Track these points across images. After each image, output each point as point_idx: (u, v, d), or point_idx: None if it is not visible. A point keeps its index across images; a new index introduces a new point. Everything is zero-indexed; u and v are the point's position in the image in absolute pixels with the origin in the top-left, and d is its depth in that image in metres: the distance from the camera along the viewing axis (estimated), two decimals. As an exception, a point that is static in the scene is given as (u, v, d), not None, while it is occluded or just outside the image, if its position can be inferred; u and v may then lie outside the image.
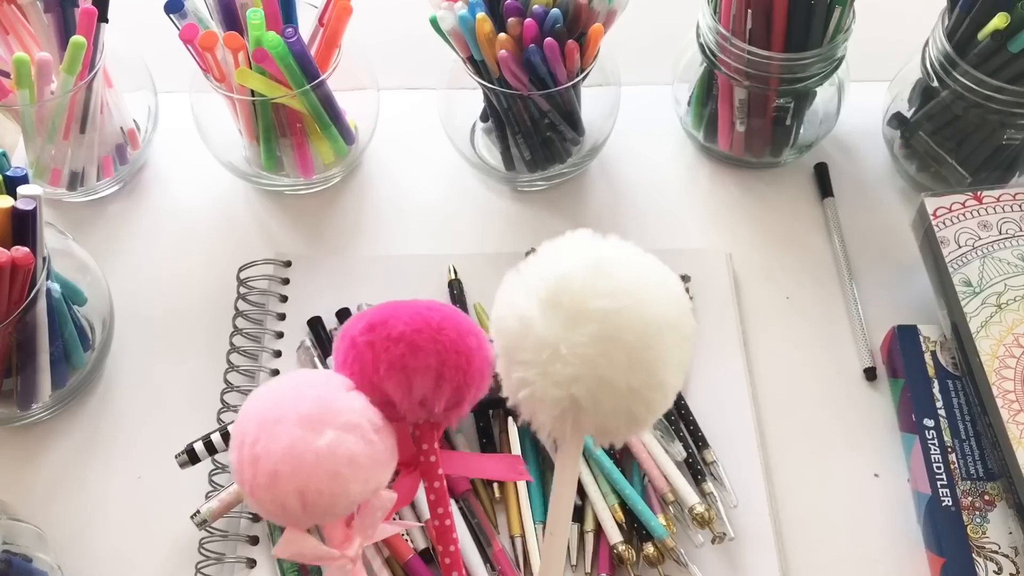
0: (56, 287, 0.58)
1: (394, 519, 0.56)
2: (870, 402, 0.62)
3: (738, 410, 0.61)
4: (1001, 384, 0.56)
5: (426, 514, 0.56)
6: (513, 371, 0.42)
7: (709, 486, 0.57)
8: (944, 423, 0.58)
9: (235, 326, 0.64)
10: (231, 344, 0.63)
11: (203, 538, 0.56)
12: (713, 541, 0.55)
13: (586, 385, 0.40)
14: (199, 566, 0.55)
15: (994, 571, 0.53)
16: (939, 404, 0.59)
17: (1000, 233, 0.61)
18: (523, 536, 0.56)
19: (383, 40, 0.76)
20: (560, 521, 0.45)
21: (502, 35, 0.60)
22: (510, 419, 0.59)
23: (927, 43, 0.65)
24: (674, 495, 0.56)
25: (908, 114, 0.69)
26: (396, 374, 0.44)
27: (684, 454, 0.58)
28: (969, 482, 0.56)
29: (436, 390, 0.44)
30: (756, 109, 0.68)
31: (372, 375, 0.44)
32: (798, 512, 0.58)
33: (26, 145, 0.67)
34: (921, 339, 0.61)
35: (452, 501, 0.57)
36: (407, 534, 0.56)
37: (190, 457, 0.57)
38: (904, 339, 0.61)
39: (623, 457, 0.58)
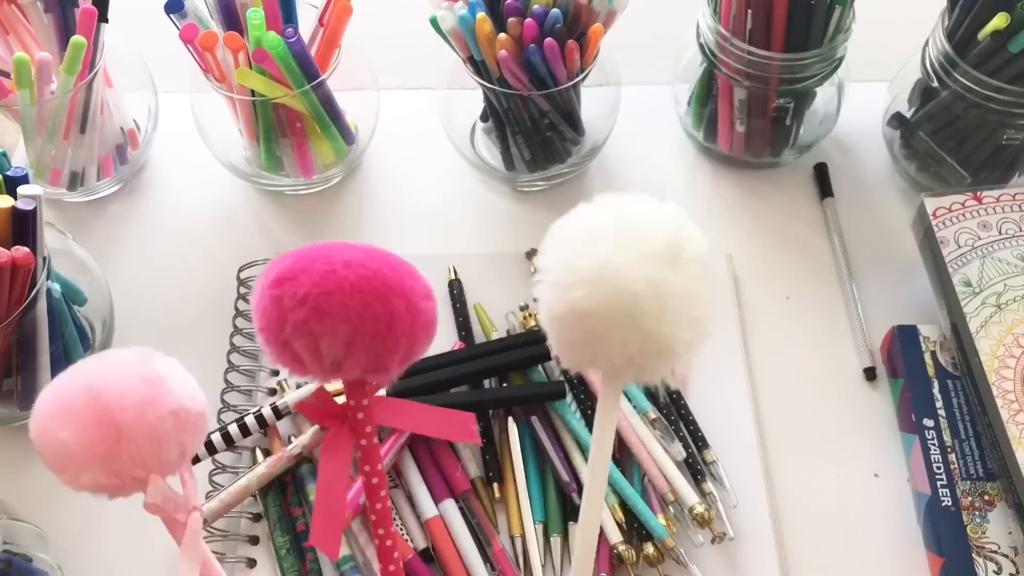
0: (56, 287, 0.58)
1: (395, 518, 0.56)
2: (870, 402, 0.62)
3: (738, 410, 0.61)
4: (1001, 384, 0.56)
5: (426, 513, 0.56)
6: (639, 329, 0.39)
7: (709, 486, 0.57)
8: (944, 423, 0.58)
9: (235, 326, 0.64)
10: (231, 344, 0.63)
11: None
12: (713, 541, 0.55)
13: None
14: (199, 566, 0.55)
15: (994, 571, 0.53)
16: (939, 404, 0.59)
17: (1000, 233, 0.61)
18: (523, 536, 0.56)
19: (383, 40, 0.76)
20: (600, 466, 0.43)
21: (502, 35, 0.60)
22: (510, 419, 0.59)
23: (927, 43, 0.65)
24: (674, 495, 0.56)
25: (908, 114, 0.69)
26: (302, 336, 0.40)
27: (684, 454, 0.58)
28: (969, 482, 0.56)
29: (348, 355, 0.41)
30: (756, 109, 0.68)
31: (279, 333, 0.41)
32: (798, 512, 0.58)
33: (26, 145, 0.67)
34: (921, 339, 0.61)
35: (452, 501, 0.57)
36: (407, 534, 0.56)
37: (190, 457, 0.57)
38: (904, 339, 0.61)
39: (623, 457, 0.58)
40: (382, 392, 0.50)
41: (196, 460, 0.57)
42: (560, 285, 0.39)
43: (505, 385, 0.61)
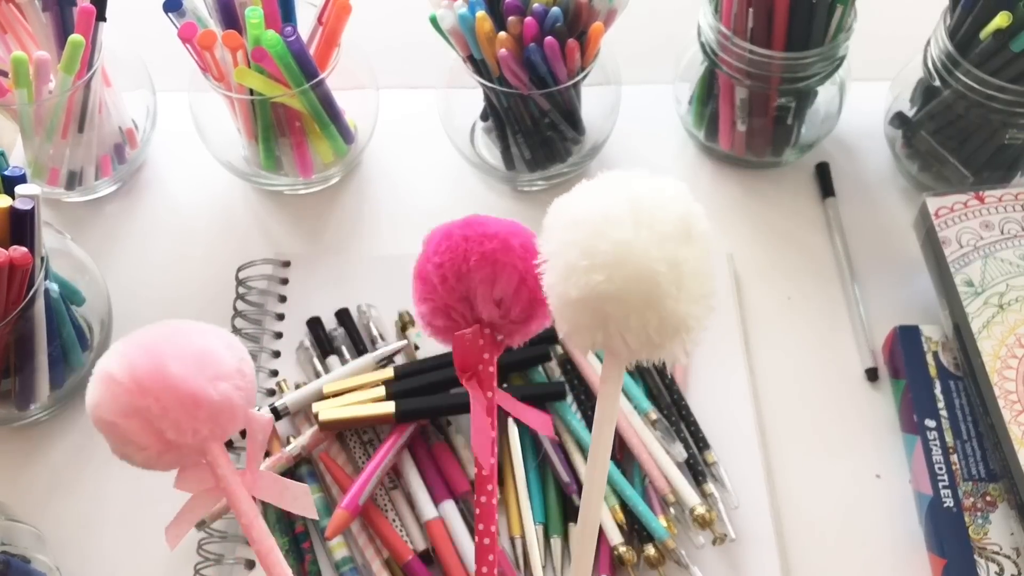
0: (54, 287, 0.58)
1: (394, 520, 0.55)
2: (871, 403, 0.62)
3: (739, 411, 0.61)
4: (1003, 384, 0.56)
5: (426, 515, 0.56)
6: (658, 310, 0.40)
7: (710, 487, 0.57)
8: (946, 424, 0.58)
9: (234, 326, 0.64)
10: (230, 344, 0.63)
11: (202, 539, 0.56)
12: (714, 542, 0.55)
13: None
14: (198, 567, 0.55)
15: (996, 572, 0.53)
16: (941, 405, 0.59)
17: (1002, 233, 0.61)
18: (523, 537, 0.55)
19: (383, 39, 0.75)
20: (602, 447, 0.44)
21: (502, 34, 0.60)
22: (510, 419, 0.59)
23: (929, 42, 0.65)
24: (675, 496, 0.56)
25: (910, 114, 0.69)
26: (486, 266, 0.46)
27: (685, 455, 0.57)
28: (971, 483, 0.56)
29: (516, 293, 0.46)
30: (757, 108, 0.68)
31: (462, 264, 0.46)
32: (799, 513, 0.58)
33: (24, 144, 0.67)
34: (923, 339, 0.61)
35: (452, 502, 0.57)
36: (407, 536, 0.56)
37: (189, 458, 0.57)
38: (906, 339, 0.61)
39: (624, 458, 0.58)
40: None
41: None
42: (576, 269, 0.39)
43: (505, 385, 0.61)
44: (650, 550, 0.54)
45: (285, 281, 0.67)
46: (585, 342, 0.41)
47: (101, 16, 0.63)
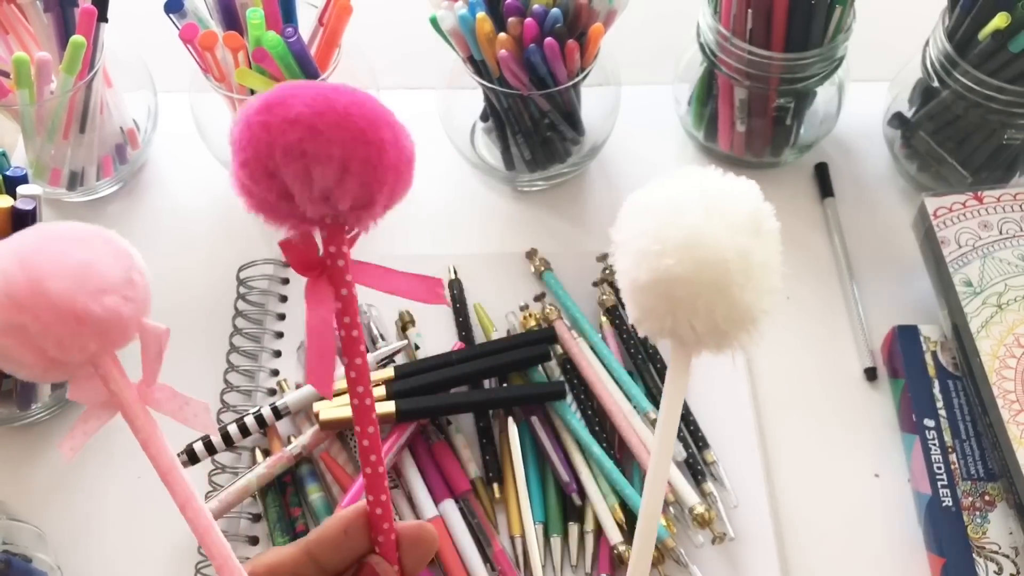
0: (55, 287, 0.58)
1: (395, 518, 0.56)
2: (870, 402, 0.62)
3: (738, 410, 0.61)
4: (1002, 384, 0.56)
5: (426, 514, 0.56)
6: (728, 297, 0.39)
7: (709, 486, 0.57)
8: (944, 423, 0.58)
9: (235, 326, 0.64)
10: (231, 344, 0.63)
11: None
12: (713, 541, 0.55)
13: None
14: (199, 566, 0.55)
15: (994, 571, 0.53)
16: (939, 404, 0.59)
17: (1001, 233, 0.61)
18: (523, 536, 0.56)
19: (383, 40, 0.75)
20: (668, 433, 0.43)
21: (502, 35, 0.60)
22: (510, 419, 0.59)
23: (927, 43, 0.65)
24: (674, 495, 0.56)
25: (909, 114, 0.69)
26: (294, 161, 0.38)
27: (684, 454, 0.58)
28: (969, 482, 0.56)
29: (340, 184, 0.39)
30: (756, 109, 0.68)
31: (267, 160, 0.38)
32: (798, 512, 0.58)
33: (25, 145, 0.67)
34: (921, 339, 0.61)
35: (452, 501, 0.57)
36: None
37: (190, 457, 0.57)
38: (904, 339, 0.61)
39: (623, 457, 0.58)
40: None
41: (196, 460, 0.57)
42: (648, 254, 0.40)
43: (505, 385, 0.61)
44: (649, 549, 0.54)
45: (286, 281, 0.67)
46: (655, 328, 0.41)
47: (103, 17, 0.63)
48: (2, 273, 0.38)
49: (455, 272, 0.66)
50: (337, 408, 0.57)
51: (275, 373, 0.63)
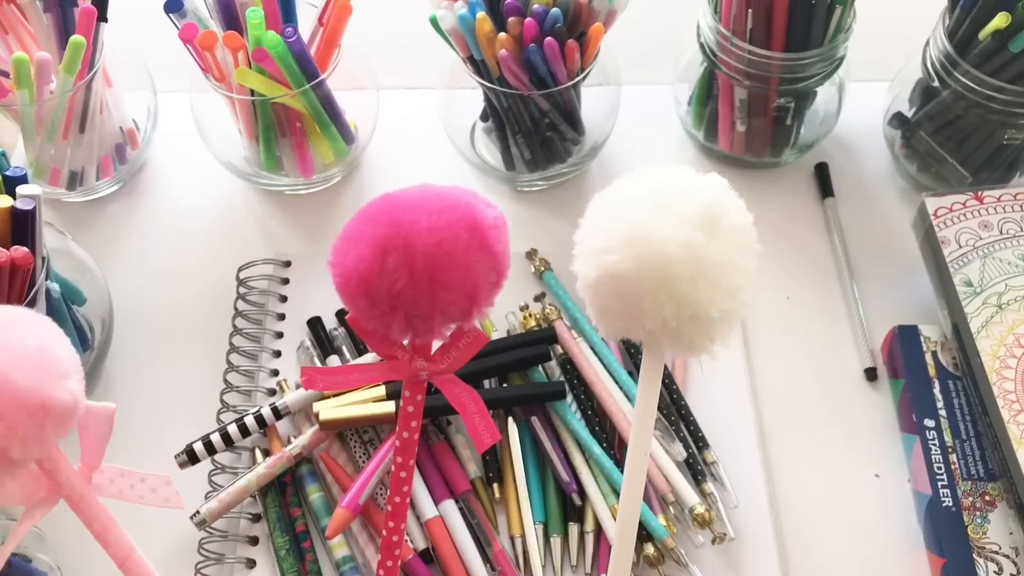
0: (55, 287, 0.58)
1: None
2: (870, 402, 0.62)
3: (738, 410, 0.61)
4: (1002, 384, 0.56)
5: (426, 514, 0.56)
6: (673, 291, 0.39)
7: (709, 486, 0.57)
8: (945, 423, 0.58)
9: (235, 326, 0.64)
10: (231, 344, 0.63)
11: (203, 538, 0.56)
12: (713, 541, 0.55)
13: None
14: (199, 566, 0.55)
15: (994, 571, 0.53)
16: (940, 404, 0.59)
17: (1001, 233, 0.61)
18: (523, 536, 0.56)
19: (383, 40, 0.75)
20: (640, 450, 0.42)
21: (502, 35, 0.60)
22: (510, 419, 0.59)
23: (928, 43, 0.65)
24: (674, 495, 0.56)
25: (909, 114, 0.69)
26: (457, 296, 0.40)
27: (684, 454, 0.58)
28: (970, 482, 0.56)
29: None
30: (756, 109, 0.68)
31: (425, 298, 0.39)
32: (798, 512, 0.58)
33: (25, 145, 0.67)
34: (922, 339, 0.61)
35: (452, 501, 0.57)
36: (407, 535, 0.56)
37: (189, 457, 0.57)
38: (905, 339, 0.61)
39: (623, 457, 0.58)
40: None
41: (196, 460, 0.57)
42: (595, 251, 0.39)
43: (505, 385, 0.61)
44: (649, 549, 0.54)
45: (286, 281, 0.67)
46: (609, 328, 0.40)
47: (102, 17, 0.63)
48: None
49: (455, 272, 0.66)
50: (337, 408, 0.57)
51: (275, 373, 0.62)
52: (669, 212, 0.38)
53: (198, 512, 0.55)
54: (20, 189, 0.52)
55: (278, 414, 0.59)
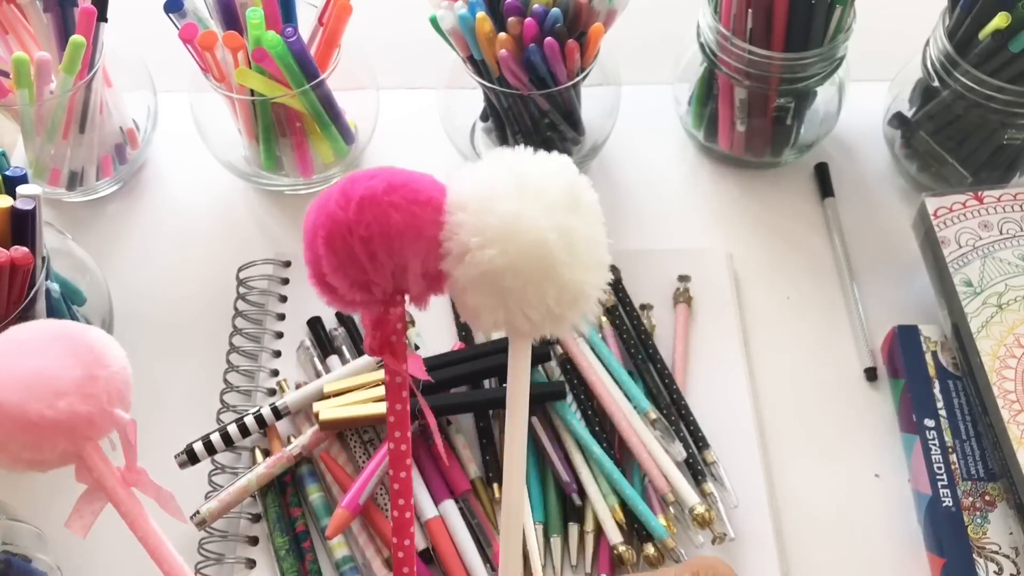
0: (55, 287, 0.58)
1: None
2: (870, 402, 0.62)
3: (738, 410, 0.61)
4: (1002, 384, 0.56)
5: (426, 514, 0.56)
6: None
7: (709, 486, 0.57)
8: (945, 423, 0.58)
9: (235, 326, 0.64)
10: (231, 344, 0.63)
11: (202, 538, 0.56)
12: (713, 541, 0.55)
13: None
14: (198, 566, 0.55)
15: (995, 572, 0.53)
16: (940, 404, 0.59)
17: (1001, 233, 0.61)
18: (523, 536, 0.56)
19: (383, 40, 0.75)
20: (517, 439, 0.42)
21: (502, 34, 0.60)
22: (510, 419, 0.59)
23: (928, 43, 0.65)
24: (674, 495, 0.56)
25: (909, 114, 0.69)
26: (420, 241, 0.41)
27: (684, 454, 0.58)
28: (970, 482, 0.56)
29: (436, 261, 0.41)
30: (756, 109, 0.68)
31: (394, 240, 0.41)
32: (799, 512, 0.58)
33: (25, 145, 0.67)
34: (922, 339, 0.61)
35: (452, 501, 0.57)
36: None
37: (189, 457, 0.57)
38: (905, 339, 0.61)
39: (623, 457, 0.58)
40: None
41: (196, 460, 0.57)
42: (469, 248, 0.39)
43: (505, 385, 0.61)
44: (649, 549, 0.54)
45: (286, 281, 0.67)
46: (488, 323, 0.40)
47: (102, 17, 0.63)
48: None
49: (455, 272, 0.66)
50: (337, 408, 0.57)
51: (275, 373, 0.62)
52: (537, 199, 0.39)
53: (198, 512, 0.55)
54: (20, 189, 0.52)
55: (278, 414, 0.59)
